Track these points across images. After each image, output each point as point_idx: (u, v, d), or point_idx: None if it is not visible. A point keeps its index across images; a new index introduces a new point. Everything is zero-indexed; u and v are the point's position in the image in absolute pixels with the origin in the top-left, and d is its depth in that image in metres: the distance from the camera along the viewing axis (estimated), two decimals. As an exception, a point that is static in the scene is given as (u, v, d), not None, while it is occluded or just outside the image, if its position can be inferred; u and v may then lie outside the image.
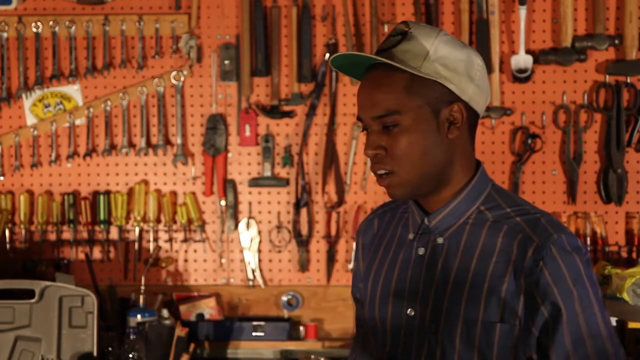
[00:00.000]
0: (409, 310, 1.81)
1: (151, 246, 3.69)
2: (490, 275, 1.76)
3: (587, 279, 1.74)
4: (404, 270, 1.84)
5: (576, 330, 1.72)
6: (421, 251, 1.83)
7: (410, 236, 1.86)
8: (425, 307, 1.79)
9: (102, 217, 3.69)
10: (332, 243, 3.69)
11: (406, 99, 1.75)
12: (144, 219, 3.69)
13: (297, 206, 3.68)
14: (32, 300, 3.18)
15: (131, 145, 3.72)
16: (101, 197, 3.69)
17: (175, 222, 3.71)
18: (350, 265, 3.66)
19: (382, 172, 1.79)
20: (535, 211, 1.81)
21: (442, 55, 1.76)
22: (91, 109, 3.70)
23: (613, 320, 3.27)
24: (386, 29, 3.60)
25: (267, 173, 3.69)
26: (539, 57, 3.59)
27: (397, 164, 1.77)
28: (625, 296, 3.10)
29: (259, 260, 3.71)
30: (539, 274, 1.73)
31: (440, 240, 1.82)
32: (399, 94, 1.76)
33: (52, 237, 3.71)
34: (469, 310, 1.76)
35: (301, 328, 3.62)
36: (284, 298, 3.70)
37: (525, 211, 1.80)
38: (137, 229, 3.69)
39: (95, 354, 3.17)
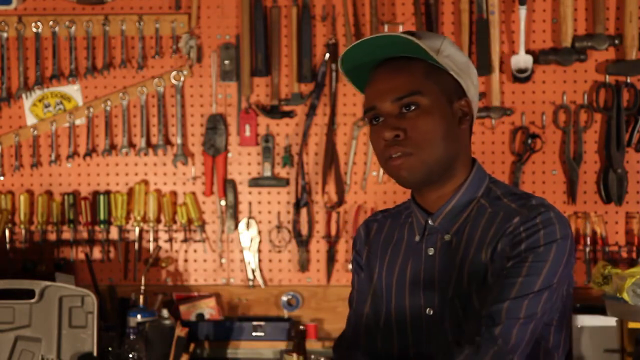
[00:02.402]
0: (428, 309, 1.82)
1: (151, 246, 3.69)
2: (489, 260, 1.78)
3: (556, 249, 1.75)
4: (416, 272, 1.85)
5: (525, 280, 1.73)
6: (431, 251, 1.85)
7: (417, 238, 1.88)
8: (446, 304, 1.80)
9: (102, 217, 3.69)
10: (332, 243, 3.69)
11: (426, 83, 1.81)
12: (144, 219, 3.69)
13: (297, 206, 3.68)
14: (32, 300, 3.17)
15: (131, 145, 3.72)
16: (101, 197, 3.69)
17: (175, 222, 3.71)
18: (350, 266, 3.66)
19: (399, 154, 1.80)
20: (531, 197, 1.83)
21: (451, 54, 1.83)
22: (91, 109, 3.70)
23: (613, 320, 3.27)
24: (386, 28, 3.59)
25: (267, 173, 3.68)
26: (539, 57, 3.59)
27: (416, 145, 1.79)
28: (625, 296, 3.09)
29: (259, 260, 3.71)
30: (520, 235, 1.75)
31: (447, 237, 1.84)
32: (419, 77, 1.81)
33: (52, 237, 3.71)
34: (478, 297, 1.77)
35: (301, 328, 3.61)
36: (284, 298, 3.70)
37: (519, 197, 1.83)
38: (137, 229, 3.69)
39: (95, 354, 3.16)
